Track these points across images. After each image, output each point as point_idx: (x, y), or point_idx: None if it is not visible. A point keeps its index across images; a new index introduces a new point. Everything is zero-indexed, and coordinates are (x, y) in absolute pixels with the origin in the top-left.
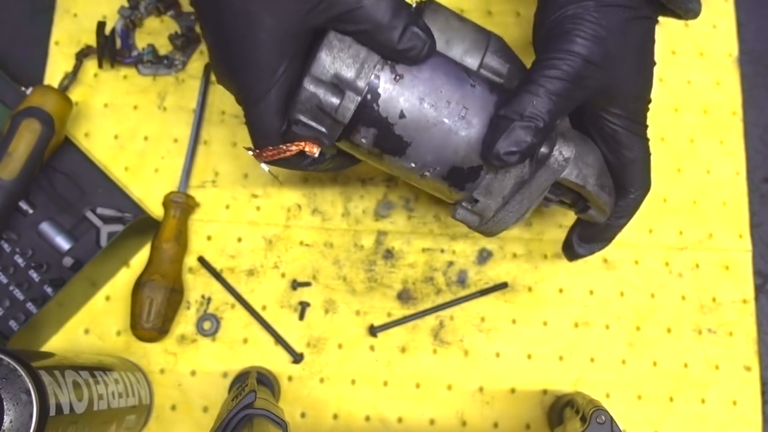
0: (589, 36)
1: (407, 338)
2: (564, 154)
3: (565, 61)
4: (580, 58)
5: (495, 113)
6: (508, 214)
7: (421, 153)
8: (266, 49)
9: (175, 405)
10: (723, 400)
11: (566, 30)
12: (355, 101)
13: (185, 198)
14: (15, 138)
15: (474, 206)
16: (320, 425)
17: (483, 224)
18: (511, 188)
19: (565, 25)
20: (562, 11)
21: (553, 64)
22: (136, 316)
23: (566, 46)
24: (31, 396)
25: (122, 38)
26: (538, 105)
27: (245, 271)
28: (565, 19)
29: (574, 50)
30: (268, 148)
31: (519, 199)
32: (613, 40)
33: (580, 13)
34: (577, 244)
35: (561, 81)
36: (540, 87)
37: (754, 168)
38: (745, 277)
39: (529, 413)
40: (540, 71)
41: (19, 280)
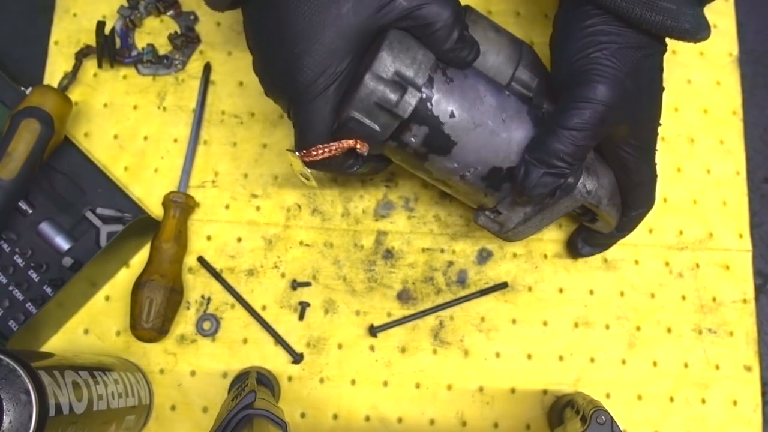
0: (611, 81)
1: (407, 338)
2: (587, 187)
3: (589, 109)
4: (603, 105)
5: (526, 155)
6: (527, 228)
7: (465, 153)
8: (333, 45)
9: (174, 405)
10: (723, 400)
11: (587, 74)
12: (417, 97)
13: (185, 198)
14: (14, 138)
15: (496, 216)
16: (320, 425)
17: (502, 232)
18: (533, 208)
19: (587, 67)
20: (583, 53)
21: (578, 113)
22: (136, 316)
23: (590, 94)
24: (31, 396)
25: (122, 38)
26: (566, 152)
27: (245, 271)
28: (586, 62)
29: (597, 98)
30: (317, 146)
31: (540, 218)
32: (630, 80)
33: (599, 58)
34: (581, 245)
35: (586, 129)
36: (566, 138)
37: (754, 168)
38: (746, 277)
39: (529, 413)
40: (567, 120)
41: (19, 280)
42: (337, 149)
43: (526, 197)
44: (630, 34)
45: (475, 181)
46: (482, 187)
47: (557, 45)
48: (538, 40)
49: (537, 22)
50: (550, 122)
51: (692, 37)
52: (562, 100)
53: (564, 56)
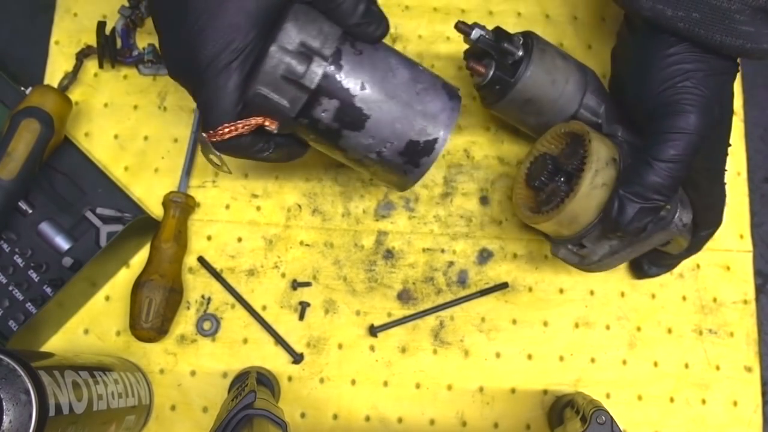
0: (702, 110)
1: (407, 338)
2: (683, 221)
3: (683, 140)
4: (696, 135)
5: (620, 190)
6: (614, 260)
7: (380, 127)
8: (235, 19)
9: (174, 405)
10: (723, 401)
11: (678, 104)
12: (323, 66)
13: (185, 198)
14: (14, 138)
15: (579, 250)
16: (320, 425)
17: (584, 264)
18: (620, 242)
19: (676, 97)
20: (670, 83)
21: (673, 144)
22: (135, 316)
23: (682, 124)
24: (31, 396)
25: (123, 38)
26: (663, 184)
27: (245, 271)
28: (674, 91)
29: (691, 128)
30: (223, 125)
31: (628, 252)
32: (717, 107)
33: (688, 87)
34: (647, 267)
35: (681, 161)
36: (663, 170)
37: (754, 168)
38: (746, 277)
39: (529, 413)
40: (662, 152)
41: (19, 280)
42: (245, 127)
43: (621, 233)
44: (712, 59)
45: (392, 158)
46: (401, 164)
47: (636, 74)
48: None
49: (537, 22)
50: (643, 155)
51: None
52: (653, 131)
53: (649, 86)
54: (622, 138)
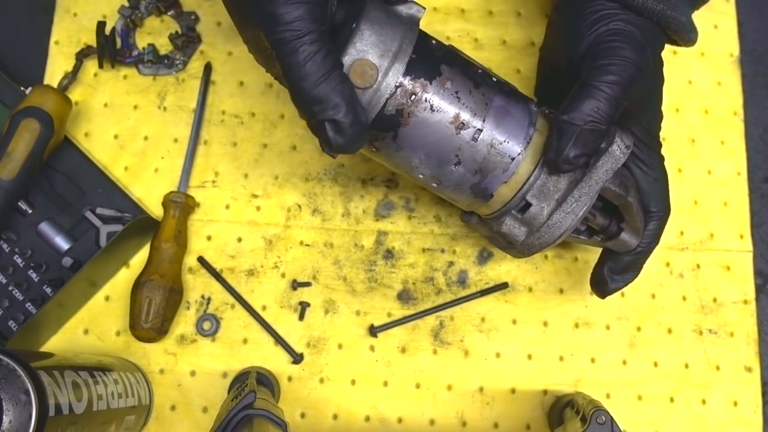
0: (636, 45)
1: (407, 338)
2: (625, 142)
3: (620, 66)
4: (632, 64)
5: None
6: (563, 215)
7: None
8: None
9: (174, 405)
10: (724, 401)
11: (611, 41)
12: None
13: (185, 198)
14: (14, 138)
15: (524, 214)
16: (320, 425)
17: (531, 234)
18: (566, 184)
19: (609, 36)
20: (601, 24)
21: (610, 69)
22: (135, 316)
23: (619, 53)
24: (30, 396)
25: (122, 38)
26: (600, 109)
27: (245, 271)
28: (607, 30)
29: (627, 56)
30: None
31: (576, 197)
32: (649, 52)
33: (620, 28)
34: (609, 278)
35: (618, 85)
36: (600, 91)
37: (755, 168)
38: (746, 277)
39: (529, 413)
40: (598, 76)
41: (19, 280)
42: None
43: (565, 163)
44: (636, 18)
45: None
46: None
47: (566, 25)
48: (539, 40)
49: (538, 22)
50: (582, 82)
51: (686, 33)
52: (589, 62)
53: (579, 31)
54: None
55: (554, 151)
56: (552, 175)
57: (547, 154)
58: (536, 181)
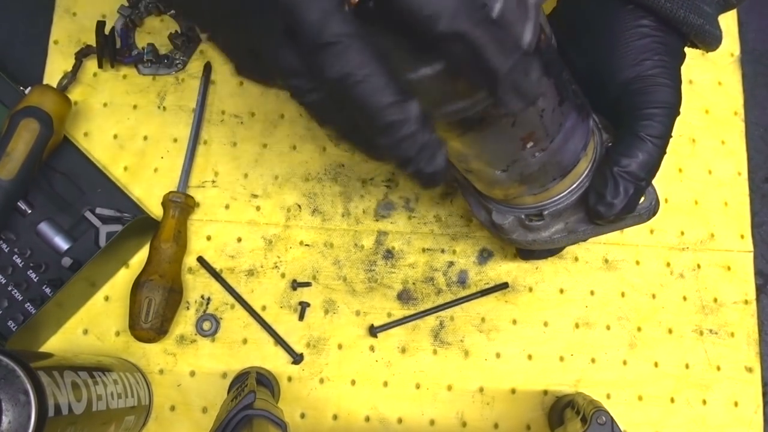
0: (676, 84)
1: (407, 338)
2: (654, 207)
3: (667, 115)
4: (675, 110)
5: (614, 168)
6: (565, 238)
7: None
8: None
9: (174, 405)
10: (724, 401)
11: (659, 76)
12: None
13: (184, 198)
14: (14, 138)
15: (533, 222)
16: (320, 426)
17: (527, 239)
18: (580, 217)
19: (657, 72)
20: (645, 56)
21: (660, 120)
22: (135, 316)
23: (664, 98)
24: (30, 397)
25: (122, 37)
26: (650, 165)
27: (245, 272)
28: (654, 65)
29: (671, 102)
30: None
31: (588, 232)
32: (680, 84)
33: (665, 61)
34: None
35: (666, 136)
36: (653, 146)
37: (755, 168)
38: (747, 277)
39: (529, 414)
40: (650, 127)
41: (18, 280)
42: None
43: (606, 213)
44: (673, 37)
45: None
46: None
47: (602, 43)
48: None
49: None
50: (630, 132)
51: (717, 45)
52: (631, 106)
53: (621, 57)
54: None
55: (605, 206)
56: (576, 204)
57: (595, 205)
58: (560, 204)
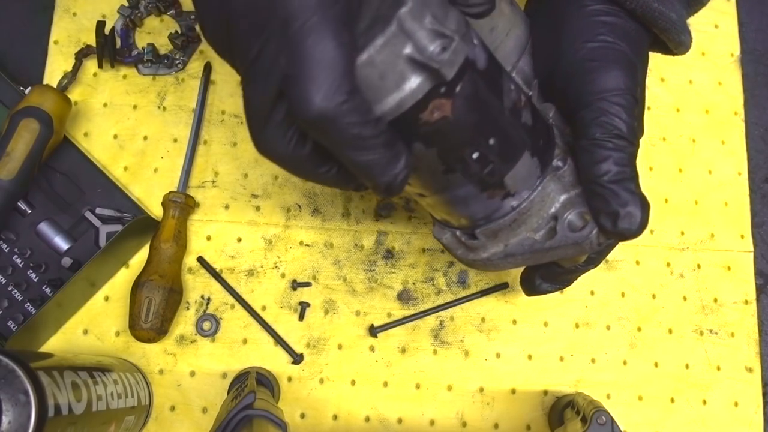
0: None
1: (407, 339)
2: (600, 239)
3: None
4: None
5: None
6: (504, 263)
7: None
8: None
9: (174, 406)
10: (724, 401)
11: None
12: (466, 50)
13: (184, 198)
14: (13, 138)
15: (468, 240)
16: (320, 426)
17: (468, 257)
18: (519, 240)
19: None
20: (591, 35)
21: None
22: (135, 316)
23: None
24: (30, 397)
25: (122, 38)
26: (628, 160)
27: (245, 272)
28: (599, 44)
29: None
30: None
31: (526, 257)
32: (640, 67)
33: (611, 42)
34: (538, 282)
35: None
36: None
37: (755, 168)
38: (747, 277)
39: (529, 414)
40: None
41: (18, 280)
42: None
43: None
44: (626, 18)
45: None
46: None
47: (551, 30)
48: None
49: None
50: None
51: (676, 33)
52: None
53: (566, 41)
54: (553, 121)
55: (627, 218)
56: (513, 223)
57: (615, 226)
58: (492, 224)
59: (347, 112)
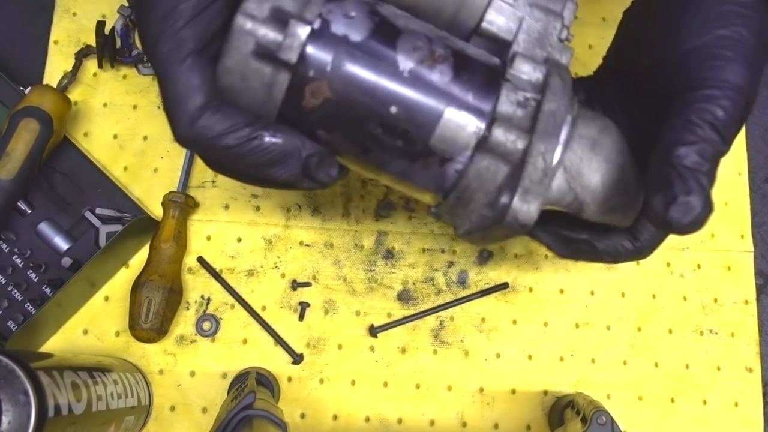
0: (752, 66)
1: (407, 339)
2: (519, 219)
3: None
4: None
5: (669, 160)
6: (481, 239)
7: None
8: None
9: (174, 406)
10: (724, 401)
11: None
12: (306, 29)
13: (184, 198)
14: (13, 138)
15: (443, 216)
16: (320, 426)
17: (457, 232)
18: (478, 218)
19: (726, 42)
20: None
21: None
22: (135, 316)
23: (725, 77)
24: (30, 397)
25: (122, 37)
26: (712, 157)
27: (245, 272)
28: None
29: (734, 82)
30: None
31: (485, 236)
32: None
33: (742, 34)
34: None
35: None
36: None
37: (755, 168)
38: (747, 277)
39: (529, 414)
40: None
41: (18, 280)
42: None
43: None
44: (764, 13)
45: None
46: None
47: (674, 10)
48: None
49: None
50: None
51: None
52: (686, 84)
53: (688, 23)
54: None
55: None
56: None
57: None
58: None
59: (208, 129)
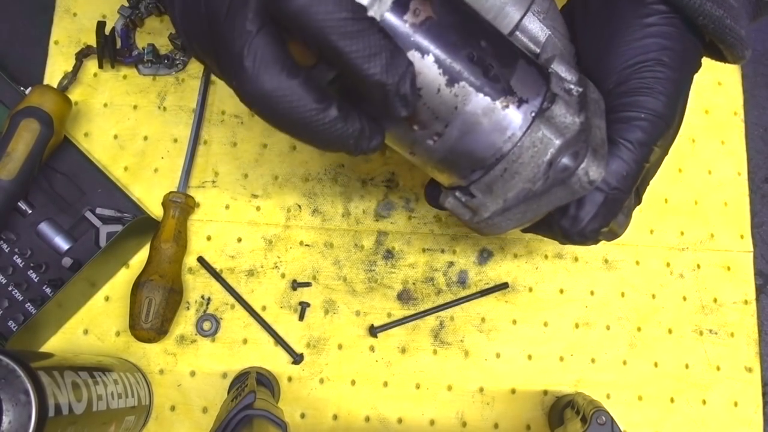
0: (671, 95)
1: (407, 339)
2: (590, 176)
3: (652, 122)
4: (663, 121)
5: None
6: (506, 221)
7: None
8: None
9: (174, 406)
10: (724, 401)
11: (650, 82)
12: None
13: (185, 198)
14: (14, 138)
15: (469, 200)
16: (320, 426)
17: (474, 221)
18: (516, 193)
19: (648, 73)
20: (644, 56)
21: (641, 126)
22: (135, 316)
23: (652, 106)
24: (30, 397)
25: (122, 38)
26: (628, 174)
27: (245, 272)
28: (650, 65)
29: (659, 111)
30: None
31: (523, 210)
32: (682, 98)
33: (664, 63)
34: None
35: (647, 144)
36: (629, 151)
37: (755, 168)
38: (747, 277)
39: (529, 414)
40: (628, 131)
41: (18, 280)
42: None
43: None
44: (687, 40)
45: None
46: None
47: (610, 36)
48: None
49: None
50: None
51: (741, 49)
52: (617, 108)
53: (618, 55)
54: (556, 74)
55: (570, 220)
56: (504, 174)
57: (559, 221)
58: (484, 177)
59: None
